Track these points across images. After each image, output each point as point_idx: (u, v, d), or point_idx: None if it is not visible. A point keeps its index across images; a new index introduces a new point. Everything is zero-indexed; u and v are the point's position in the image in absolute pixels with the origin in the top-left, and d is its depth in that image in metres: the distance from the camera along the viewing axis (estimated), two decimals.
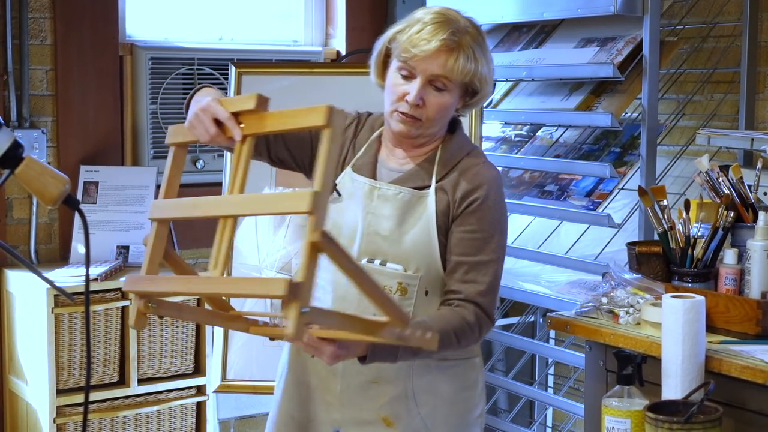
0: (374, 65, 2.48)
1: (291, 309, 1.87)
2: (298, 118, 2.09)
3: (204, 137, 2.23)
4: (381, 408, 2.47)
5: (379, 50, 2.45)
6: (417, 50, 2.33)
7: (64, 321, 3.53)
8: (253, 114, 2.15)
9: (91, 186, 3.89)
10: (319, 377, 2.48)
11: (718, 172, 2.71)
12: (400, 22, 2.42)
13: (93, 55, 3.95)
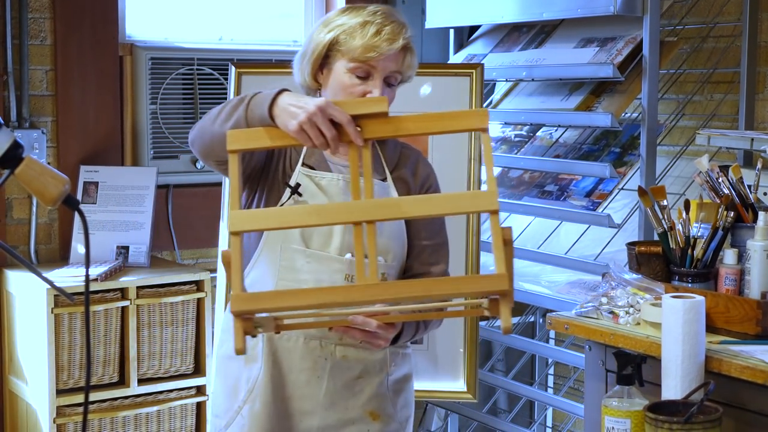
0: (309, 66, 2.45)
1: (506, 303, 1.98)
2: (452, 121, 2.14)
3: (317, 140, 2.16)
4: (366, 403, 2.50)
5: (318, 53, 2.42)
6: (382, 50, 2.36)
7: (63, 321, 3.53)
8: (377, 117, 2.12)
9: (91, 186, 3.89)
10: (296, 386, 2.44)
11: (718, 172, 2.71)
12: (333, 25, 2.41)
13: (93, 55, 3.95)
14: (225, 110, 2.29)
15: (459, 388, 3.52)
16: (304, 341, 2.43)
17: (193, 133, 2.38)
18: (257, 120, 2.22)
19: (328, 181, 2.44)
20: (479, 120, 2.11)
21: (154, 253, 3.99)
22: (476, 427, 4.18)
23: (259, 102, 2.23)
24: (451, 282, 2.12)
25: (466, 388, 3.51)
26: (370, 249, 2.07)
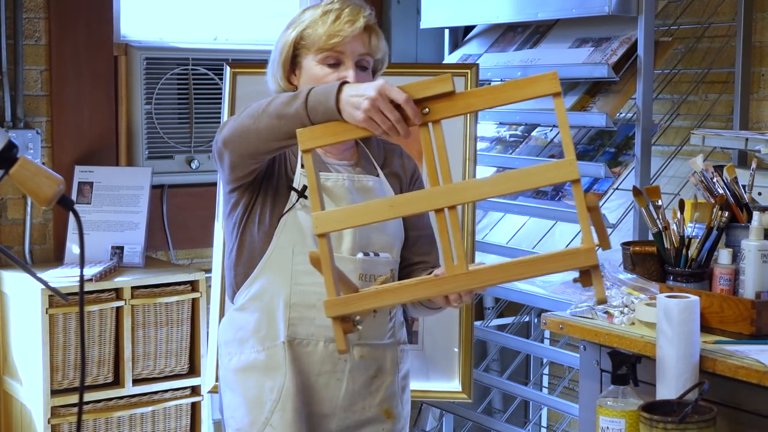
0: (280, 69, 2.46)
1: (598, 275, 1.99)
2: (522, 90, 2.06)
3: (384, 125, 2.09)
4: (382, 401, 2.51)
5: (285, 54, 2.44)
6: (345, 33, 2.37)
7: (58, 321, 3.52)
8: (445, 97, 2.06)
9: (86, 186, 3.88)
10: (315, 390, 2.44)
11: (713, 172, 2.71)
12: (295, 24, 2.44)
13: (87, 55, 3.94)
14: (273, 108, 2.21)
15: (454, 388, 3.52)
16: (324, 344, 2.43)
17: (227, 133, 2.29)
18: (321, 115, 2.14)
19: (333, 182, 2.44)
20: (550, 85, 2.04)
21: (149, 253, 3.99)
22: (471, 427, 4.18)
23: (320, 98, 2.15)
24: (540, 263, 2.07)
25: (461, 388, 3.51)
26: (455, 234, 2.05)
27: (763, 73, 3.55)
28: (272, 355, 2.42)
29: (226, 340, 2.51)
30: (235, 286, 2.48)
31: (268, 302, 2.43)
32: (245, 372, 2.45)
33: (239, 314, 2.47)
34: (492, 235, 3.95)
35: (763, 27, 3.53)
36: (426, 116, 2.07)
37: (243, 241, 2.44)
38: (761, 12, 3.53)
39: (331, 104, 2.12)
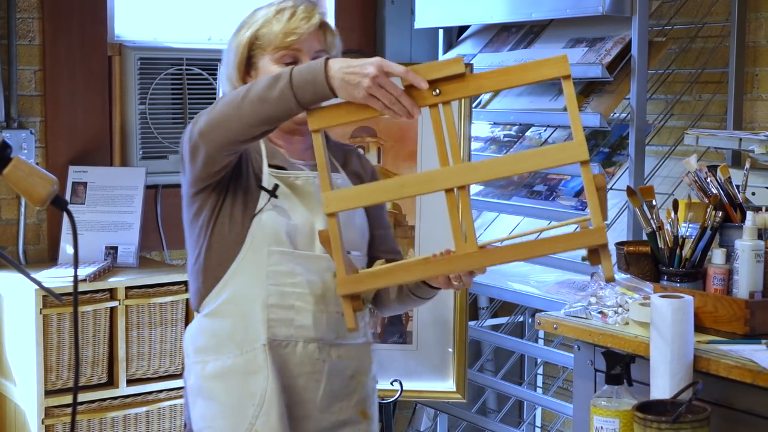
0: (235, 71, 2.43)
1: (606, 254, 2.04)
2: (532, 72, 2.10)
3: (387, 100, 2.07)
4: (358, 402, 2.50)
5: (240, 55, 2.41)
6: (301, 30, 2.37)
7: (52, 322, 3.52)
8: (456, 79, 2.06)
9: (80, 186, 3.88)
10: (295, 392, 2.41)
11: (707, 172, 2.71)
12: (249, 23, 2.42)
13: (81, 55, 3.94)
14: (254, 93, 2.16)
15: (448, 388, 3.52)
16: (303, 345, 2.41)
17: (203, 125, 2.24)
18: (310, 94, 2.12)
19: (304, 180, 2.42)
20: (560, 67, 2.08)
21: (143, 253, 3.99)
22: (465, 427, 4.19)
23: (306, 76, 2.12)
24: (551, 242, 2.12)
25: (456, 388, 3.52)
26: (465, 214, 2.08)
27: (756, 73, 3.55)
28: (252, 358, 2.36)
29: (198, 347, 2.42)
30: (204, 292, 2.41)
31: (243, 305, 2.37)
32: (223, 378, 2.39)
33: (211, 320, 2.40)
34: (486, 235, 3.95)
35: (757, 27, 3.54)
36: (437, 98, 2.08)
37: (211, 244, 2.39)
38: (755, 12, 3.54)
39: (320, 81, 2.10)
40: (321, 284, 2.39)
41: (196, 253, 2.42)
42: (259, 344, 2.36)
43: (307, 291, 2.38)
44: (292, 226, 2.38)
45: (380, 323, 3.55)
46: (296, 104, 2.14)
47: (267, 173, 2.39)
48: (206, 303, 2.41)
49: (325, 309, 2.41)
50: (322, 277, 2.40)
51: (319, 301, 2.40)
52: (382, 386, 3.46)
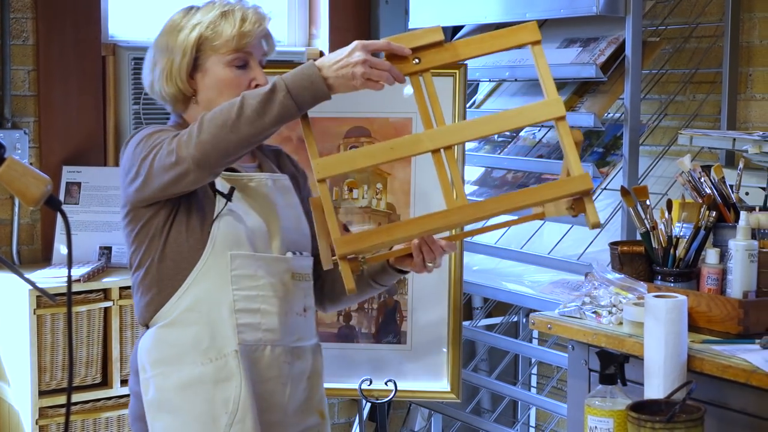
0: (181, 75, 2.39)
1: (590, 200, 2.13)
2: (505, 39, 2.24)
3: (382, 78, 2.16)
4: (317, 403, 2.52)
5: (189, 55, 2.38)
6: (254, 33, 2.39)
7: (46, 322, 3.52)
8: (435, 47, 2.16)
9: (74, 187, 3.87)
10: (263, 398, 2.39)
11: (700, 172, 2.71)
12: (191, 25, 2.39)
13: (75, 55, 3.93)
14: (250, 111, 2.15)
15: (442, 388, 3.52)
16: (270, 349, 2.40)
17: (197, 150, 2.17)
18: (310, 100, 2.16)
19: (257, 182, 2.42)
20: (530, 34, 2.20)
21: None
22: (460, 427, 4.19)
23: (303, 83, 2.14)
24: (539, 191, 2.21)
25: (450, 388, 3.52)
26: (453, 172, 2.16)
27: (750, 74, 3.56)
28: (223, 365, 2.33)
29: (155, 360, 2.35)
30: (158, 303, 2.35)
31: (207, 312, 2.33)
32: (189, 388, 2.33)
33: (169, 330, 2.34)
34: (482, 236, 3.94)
35: (751, 27, 3.54)
36: (417, 66, 2.17)
37: (166, 254, 2.34)
38: (748, 12, 3.54)
39: (318, 84, 2.14)
40: (282, 286, 2.40)
41: (147, 264, 2.37)
42: (230, 350, 2.33)
43: (271, 293, 2.38)
44: (250, 228, 2.37)
45: (374, 323, 3.55)
46: (297, 111, 2.16)
47: (219, 178, 2.37)
48: (162, 314, 2.35)
49: (288, 311, 2.42)
50: (281, 279, 2.40)
51: (283, 303, 2.40)
52: (376, 386, 3.48)
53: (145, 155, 2.27)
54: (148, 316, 2.38)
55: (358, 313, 3.55)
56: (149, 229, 2.36)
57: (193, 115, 2.42)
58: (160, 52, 2.42)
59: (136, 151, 2.31)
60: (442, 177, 2.15)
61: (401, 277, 2.58)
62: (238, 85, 2.38)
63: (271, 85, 2.16)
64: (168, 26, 2.44)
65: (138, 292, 2.41)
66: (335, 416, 4.54)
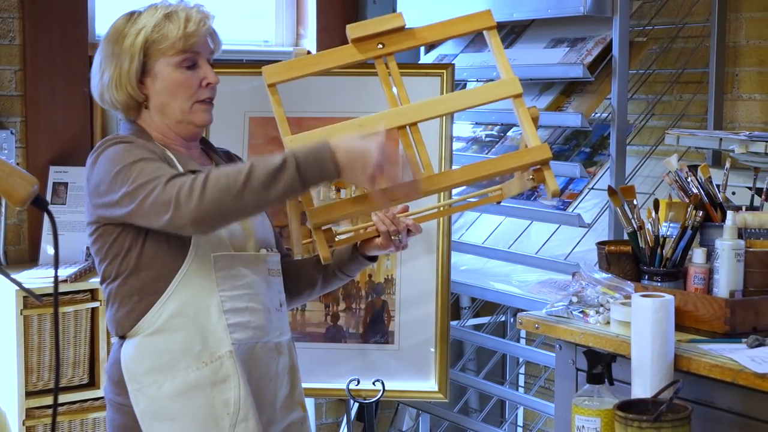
0: (132, 77, 2.36)
1: (549, 169, 2.27)
2: (461, 26, 2.44)
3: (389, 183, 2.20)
4: (299, 396, 2.54)
5: (137, 60, 2.35)
6: (200, 32, 2.38)
7: (33, 323, 3.51)
8: (397, 32, 2.35)
9: (61, 187, 3.86)
10: (256, 396, 2.39)
11: (687, 172, 2.72)
12: (135, 30, 2.36)
13: (62, 55, 3.92)
14: (257, 182, 2.12)
15: (430, 388, 3.52)
16: (261, 346, 2.41)
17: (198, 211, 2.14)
18: (317, 180, 2.17)
19: None
20: (485, 20, 2.36)
21: None
22: (448, 426, 4.19)
23: (314, 165, 2.13)
24: (502, 160, 2.36)
25: (438, 388, 3.52)
26: (420, 147, 2.29)
27: (737, 73, 3.57)
28: (218, 367, 2.32)
29: (145, 369, 2.33)
30: (140, 312, 2.32)
31: (194, 316, 2.32)
32: (186, 394, 2.32)
33: (156, 338, 2.32)
34: (468, 235, 3.95)
35: (737, 27, 3.55)
36: (381, 50, 2.36)
37: (144, 263, 2.31)
38: (735, 12, 3.55)
39: (329, 170, 2.14)
40: (264, 282, 2.42)
41: (125, 274, 2.33)
42: (225, 351, 2.33)
43: (255, 291, 2.40)
44: (228, 228, 2.36)
45: (362, 323, 3.55)
46: (302, 189, 2.16)
47: None
48: (146, 322, 2.33)
49: (270, 307, 2.43)
50: (262, 276, 2.42)
51: (265, 300, 2.42)
52: (364, 386, 3.48)
53: (132, 191, 2.22)
54: (129, 326, 2.34)
55: (345, 313, 3.55)
56: (123, 242, 2.33)
57: (147, 121, 2.41)
58: (107, 60, 2.39)
59: (115, 178, 2.25)
60: (409, 152, 2.29)
61: (370, 266, 2.64)
62: (189, 86, 2.37)
63: (282, 158, 2.13)
64: (112, 33, 2.40)
65: (115, 302, 2.37)
66: (323, 416, 4.54)
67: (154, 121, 2.41)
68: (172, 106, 2.38)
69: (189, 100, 2.39)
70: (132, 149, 2.29)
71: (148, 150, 2.30)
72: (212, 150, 2.56)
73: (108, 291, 2.38)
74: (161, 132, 2.41)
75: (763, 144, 2.91)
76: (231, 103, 3.64)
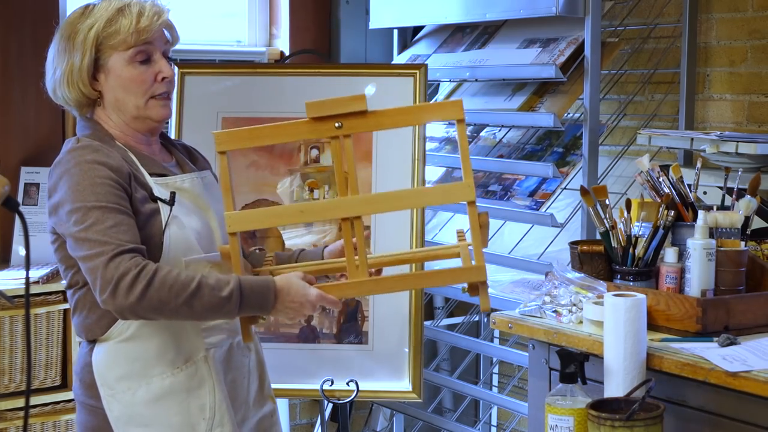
0: (83, 75, 2.33)
1: (484, 288, 2.28)
2: (430, 113, 2.37)
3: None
4: (267, 388, 2.55)
5: (87, 59, 2.32)
6: (154, 26, 2.34)
7: (4, 324, 3.49)
8: (358, 115, 2.23)
9: (32, 188, 3.84)
10: (231, 396, 2.40)
11: (659, 172, 2.74)
12: (86, 26, 2.32)
13: (34, 55, 3.89)
14: (201, 306, 2.16)
15: (404, 388, 3.53)
16: (235, 345, 2.43)
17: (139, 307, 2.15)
18: (249, 314, 2.24)
19: (190, 181, 2.41)
20: (455, 111, 2.25)
21: None
22: (422, 426, 4.19)
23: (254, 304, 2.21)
24: (436, 276, 2.41)
25: (412, 388, 3.52)
26: (359, 242, 2.23)
27: (708, 74, 3.59)
28: (193, 372, 2.32)
29: (119, 375, 2.31)
30: (111, 319, 2.29)
31: (167, 322, 2.30)
32: (161, 400, 2.31)
33: (129, 345, 2.31)
34: (441, 235, 3.96)
35: (708, 28, 3.58)
36: (339, 130, 2.23)
37: None
38: (706, 13, 3.57)
39: (265, 309, 2.23)
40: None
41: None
42: (200, 356, 2.34)
43: None
44: (196, 231, 2.35)
45: (336, 323, 3.55)
46: (234, 317, 2.26)
47: (154, 184, 2.33)
48: (117, 329, 2.31)
49: None
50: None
51: None
52: (338, 386, 3.47)
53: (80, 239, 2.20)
54: (100, 332, 2.32)
55: (319, 313, 3.55)
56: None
57: (104, 118, 2.37)
58: (59, 56, 2.36)
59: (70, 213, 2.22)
60: (348, 245, 2.24)
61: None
62: (144, 81, 2.33)
63: (229, 291, 2.18)
64: (65, 27, 2.36)
65: (83, 310, 2.34)
66: (297, 417, 4.53)
67: (111, 118, 2.37)
68: (126, 102, 2.34)
69: (144, 95, 2.35)
70: (94, 177, 2.23)
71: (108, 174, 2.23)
72: (171, 144, 2.53)
73: (75, 298, 2.36)
74: (119, 129, 2.37)
75: (734, 144, 2.93)
76: (203, 104, 3.64)
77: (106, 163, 2.26)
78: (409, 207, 2.44)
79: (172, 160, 2.48)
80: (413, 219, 3.52)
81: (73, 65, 2.33)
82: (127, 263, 2.14)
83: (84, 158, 2.26)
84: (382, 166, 3.50)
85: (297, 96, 3.55)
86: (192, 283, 2.15)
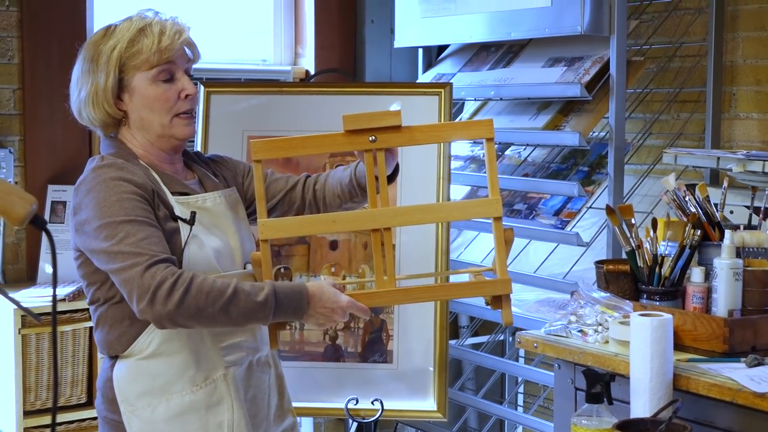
0: (108, 98, 2.34)
1: (507, 301, 2.30)
2: (461, 131, 2.52)
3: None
4: (287, 402, 2.56)
5: (112, 79, 2.33)
6: (176, 45, 2.35)
7: (31, 342, 3.50)
8: (393, 129, 2.30)
9: (59, 206, 3.86)
10: (252, 413, 2.41)
11: (685, 191, 2.72)
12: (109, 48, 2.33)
13: (61, 73, 3.89)
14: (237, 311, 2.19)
15: (429, 408, 3.52)
16: (255, 363, 2.43)
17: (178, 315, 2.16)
18: (282, 320, 2.28)
19: (212, 201, 2.42)
20: (486, 130, 2.33)
21: None
22: None
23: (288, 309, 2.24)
24: (463, 287, 2.40)
25: (437, 407, 3.51)
26: (388, 253, 2.27)
27: (734, 93, 3.58)
28: (212, 390, 2.33)
29: (139, 392, 2.33)
30: (132, 335, 2.31)
31: (187, 339, 2.31)
32: (182, 416, 2.32)
33: (150, 362, 2.31)
34: (466, 253, 3.95)
35: (734, 47, 3.57)
36: (372, 144, 2.30)
37: None
38: (732, 32, 3.56)
39: (299, 316, 2.27)
40: None
41: (117, 299, 2.30)
42: (219, 374, 2.35)
43: None
44: (216, 249, 2.36)
45: (361, 342, 3.55)
46: (267, 323, 2.27)
47: (175, 203, 2.35)
48: (138, 346, 2.32)
49: None
50: None
51: None
52: (362, 405, 3.47)
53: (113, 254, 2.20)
54: (121, 349, 2.33)
55: (344, 332, 3.55)
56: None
57: (128, 137, 2.39)
58: (83, 77, 2.38)
59: (99, 230, 2.23)
60: (377, 255, 2.29)
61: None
62: (167, 99, 2.35)
63: (264, 297, 2.21)
64: (88, 48, 2.38)
65: (105, 326, 2.35)
66: None
67: (135, 138, 2.39)
68: (151, 120, 2.36)
69: (168, 113, 2.36)
70: (120, 193, 2.24)
71: (133, 190, 2.25)
72: (192, 161, 2.54)
73: (97, 314, 2.36)
74: (143, 148, 2.39)
75: (760, 163, 2.92)
76: (229, 122, 3.65)
77: (131, 180, 2.27)
78: (438, 220, 2.49)
79: (194, 179, 2.48)
80: (438, 237, 3.51)
81: (97, 86, 2.35)
82: (164, 272, 2.16)
83: (109, 175, 2.28)
84: (408, 184, 3.50)
85: (322, 115, 3.56)
86: (228, 289, 2.18)
